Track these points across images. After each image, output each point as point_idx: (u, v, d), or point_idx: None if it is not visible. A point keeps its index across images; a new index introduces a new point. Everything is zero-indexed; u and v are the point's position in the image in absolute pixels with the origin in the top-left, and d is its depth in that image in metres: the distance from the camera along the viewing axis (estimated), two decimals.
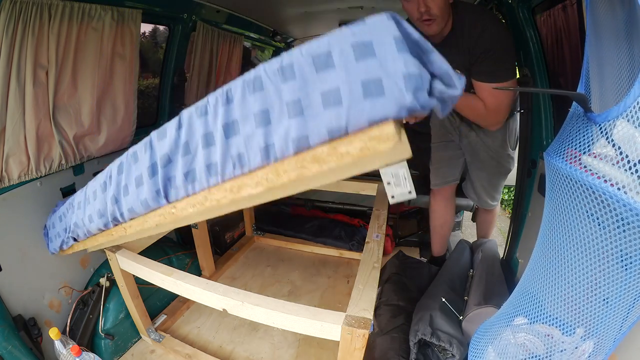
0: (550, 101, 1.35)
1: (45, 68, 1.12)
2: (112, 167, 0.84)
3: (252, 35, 2.43)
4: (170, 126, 0.67)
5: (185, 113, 0.62)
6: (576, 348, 0.57)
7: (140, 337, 1.34)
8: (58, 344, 1.05)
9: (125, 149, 1.50)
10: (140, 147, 0.74)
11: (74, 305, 1.25)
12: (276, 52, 3.05)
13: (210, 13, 1.86)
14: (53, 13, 1.09)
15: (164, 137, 0.67)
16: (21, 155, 1.11)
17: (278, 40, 2.79)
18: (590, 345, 0.56)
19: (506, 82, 1.20)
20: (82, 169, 1.37)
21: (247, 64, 2.88)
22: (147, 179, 0.71)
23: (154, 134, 0.70)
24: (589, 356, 0.56)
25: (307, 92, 0.47)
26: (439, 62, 0.45)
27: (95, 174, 1.39)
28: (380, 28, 0.43)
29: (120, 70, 1.41)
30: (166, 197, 0.71)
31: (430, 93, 0.44)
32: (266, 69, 0.50)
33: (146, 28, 1.85)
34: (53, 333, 1.02)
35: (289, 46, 3.09)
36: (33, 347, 1.07)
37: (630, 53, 0.53)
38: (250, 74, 0.52)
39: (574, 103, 0.60)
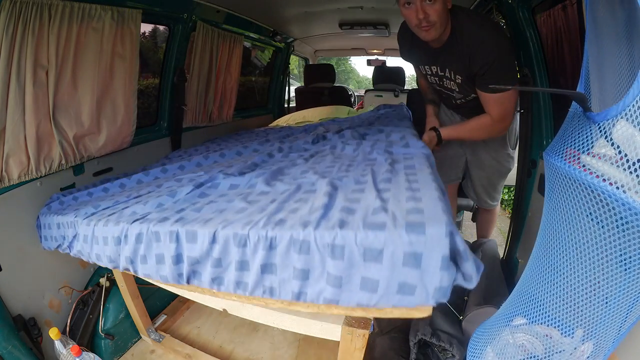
0: (550, 101, 1.35)
1: (45, 68, 1.12)
2: (129, 228, 0.77)
3: (252, 35, 2.43)
4: (201, 236, 0.65)
5: (221, 234, 0.62)
6: (575, 349, 0.57)
7: (140, 337, 1.33)
8: (58, 344, 1.05)
9: (125, 149, 1.53)
10: (164, 232, 0.71)
11: (74, 305, 1.25)
12: (276, 52, 3.05)
13: (210, 13, 1.86)
14: (53, 13, 1.09)
15: (193, 242, 0.66)
16: (21, 155, 1.11)
17: (278, 40, 2.79)
18: (590, 346, 0.56)
19: (499, 94, 1.22)
20: (82, 169, 1.37)
21: (247, 64, 2.88)
22: (170, 263, 0.71)
23: (182, 231, 0.68)
24: (589, 357, 0.56)
25: (350, 274, 0.52)
26: (470, 268, 0.50)
27: (95, 174, 1.40)
28: (435, 243, 0.48)
29: (120, 70, 1.41)
30: (188, 282, 0.72)
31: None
32: (317, 239, 0.52)
33: (146, 28, 1.85)
34: (53, 333, 1.02)
35: (289, 46, 3.09)
36: (33, 347, 1.07)
37: (630, 52, 0.53)
38: (299, 234, 0.54)
39: (573, 102, 0.60)
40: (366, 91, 3.72)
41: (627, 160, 0.45)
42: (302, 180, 0.81)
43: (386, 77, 3.53)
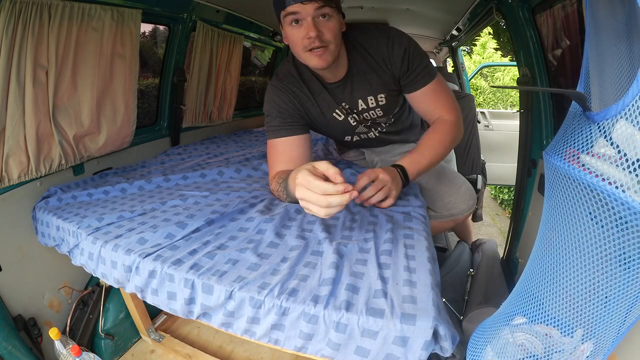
0: (550, 101, 1.35)
1: (45, 68, 1.12)
2: (141, 262, 0.79)
3: (252, 35, 2.43)
4: (218, 291, 0.70)
5: (238, 294, 0.68)
6: (575, 348, 0.57)
7: (140, 337, 1.33)
8: (58, 344, 1.05)
9: (125, 149, 1.53)
10: (179, 277, 0.74)
11: (74, 305, 1.25)
12: (276, 52, 3.05)
13: (210, 13, 1.86)
14: (53, 13, 1.09)
15: (209, 294, 0.71)
16: (21, 155, 1.11)
17: (278, 40, 2.79)
18: (590, 346, 0.56)
19: (436, 78, 1.07)
20: (82, 169, 1.37)
21: (247, 64, 2.88)
22: (182, 303, 0.74)
23: (198, 281, 0.72)
24: (588, 356, 0.56)
25: (347, 343, 0.62)
26: (446, 344, 0.60)
27: (95, 174, 1.41)
28: (421, 332, 0.58)
29: (120, 70, 1.41)
30: (197, 318, 0.75)
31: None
32: (325, 316, 0.62)
33: (146, 28, 1.85)
34: (53, 333, 1.02)
35: (289, 46, 3.08)
36: (33, 347, 1.08)
37: (630, 52, 0.53)
38: (310, 308, 0.63)
39: (573, 102, 0.60)
40: None
41: (627, 160, 0.45)
42: (309, 235, 0.86)
43: None
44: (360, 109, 1.12)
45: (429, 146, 1.05)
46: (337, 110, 1.12)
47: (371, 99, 1.11)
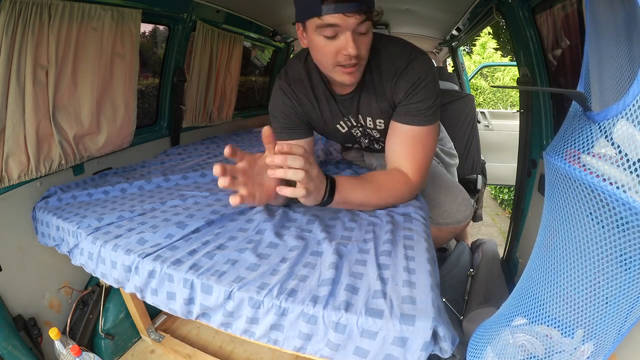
0: (550, 101, 1.35)
1: (45, 68, 1.12)
2: (141, 262, 0.79)
3: (252, 35, 2.43)
4: (217, 291, 0.70)
5: (237, 294, 0.68)
6: (575, 349, 0.57)
7: (140, 337, 1.33)
8: (58, 344, 1.05)
9: (125, 149, 1.53)
10: (178, 277, 0.74)
11: (74, 305, 1.25)
12: (276, 52, 3.05)
13: (210, 13, 1.86)
14: (53, 13, 1.09)
15: (208, 294, 0.71)
16: (21, 155, 1.11)
17: (278, 40, 2.79)
18: (590, 347, 0.56)
19: (430, 126, 0.95)
20: (82, 169, 1.37)
21: (247, 64, 2.88)
22: (182, 303, 0.75)
23: (197, 282, 0.72)
24: (589, 357, 0.56)
25: (347, 343, 0.62)
26: (446, 345, 0.60)
27: (95, 174, 1.41)
28: (420, 332, 0.58)
29: (120, 70, 1.41)
30: (196, 318, 0.75)
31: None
32: (324, 317, 0.62)
33: (146, 28, 1.85)
34: (53, 333, 1.02)
35: (288, 46, 3.09)
36: (33, 347, 1.08)
37: (630, 52, 0.53)
38: (309, 308, 0.63)
39: (573, 102, 0.60)
40: None
41: (627, 160, 0.45)
42: (308, 236, 0.86)
43: None
44: (365, 124, 1.09)
45: (374, 189, 0.93)
46: (341, 122, 1.08)
47: (370, 120, 1.06)
